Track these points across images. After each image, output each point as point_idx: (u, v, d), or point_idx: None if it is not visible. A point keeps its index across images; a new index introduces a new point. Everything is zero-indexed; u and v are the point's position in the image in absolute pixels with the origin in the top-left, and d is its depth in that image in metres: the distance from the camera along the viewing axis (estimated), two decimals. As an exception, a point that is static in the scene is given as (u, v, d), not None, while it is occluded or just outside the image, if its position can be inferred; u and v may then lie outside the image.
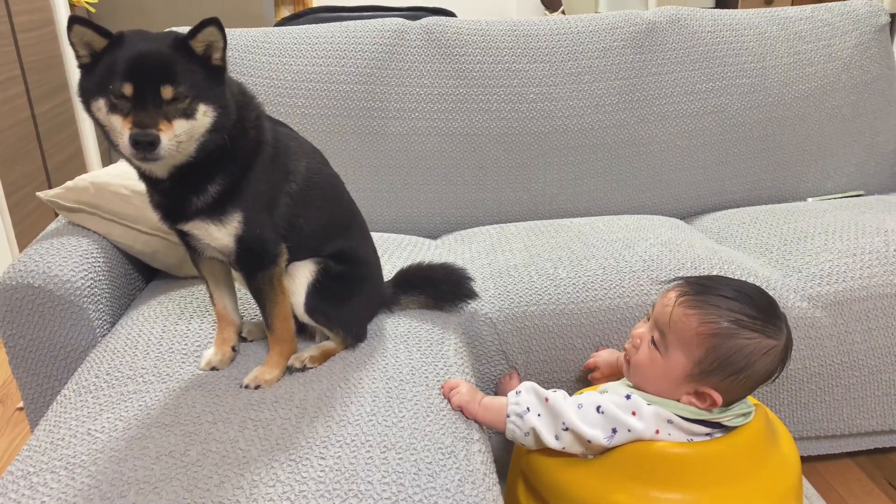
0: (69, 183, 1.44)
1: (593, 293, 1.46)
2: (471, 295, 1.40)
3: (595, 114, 1.93)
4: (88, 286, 1.33)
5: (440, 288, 1.39)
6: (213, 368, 1.17)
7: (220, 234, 1.07)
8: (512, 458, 1.25)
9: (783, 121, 1.99)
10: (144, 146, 0.94)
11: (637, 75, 1.94)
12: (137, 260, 1.52)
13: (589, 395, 1.09)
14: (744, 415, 1.09)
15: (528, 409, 1.10)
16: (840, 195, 2.01)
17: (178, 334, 1.27)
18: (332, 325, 1.20)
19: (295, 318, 1.18)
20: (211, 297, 1.22)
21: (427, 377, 1.17)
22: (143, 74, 0.95)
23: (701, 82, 1.96)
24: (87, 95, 0.98)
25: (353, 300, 1.22)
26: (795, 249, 1.62)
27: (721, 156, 1.99)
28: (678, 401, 1.08)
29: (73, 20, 0.95)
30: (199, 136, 1.00)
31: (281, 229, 1.13)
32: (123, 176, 1.45)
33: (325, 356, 1.19)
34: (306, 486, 0.91)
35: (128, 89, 0.94)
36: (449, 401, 1.12)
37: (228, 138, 1.03)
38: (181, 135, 0.97)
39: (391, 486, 0.92)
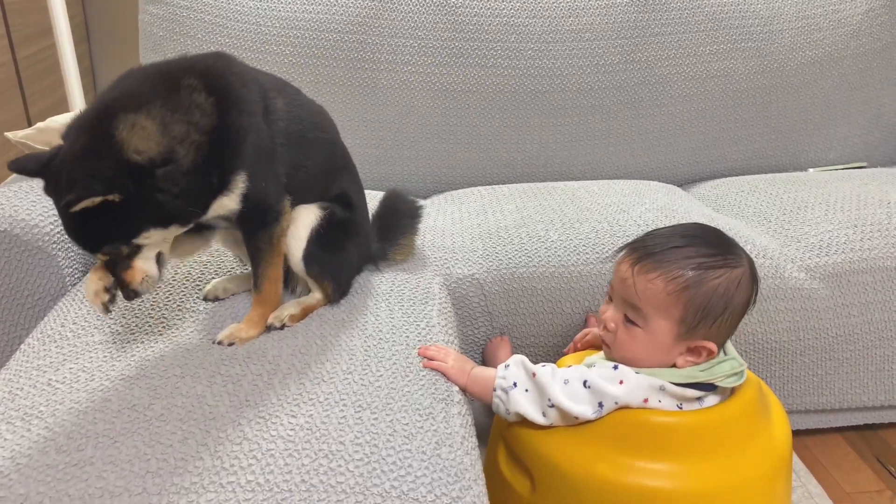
0: (40, 124, 1.37)
1: (584, 257, 1.41)
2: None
3: (594, 74, 1.86)
4: (58, 232, 1.27)
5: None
6: (215, 298, 1.19)
7: (230, 202, 1.01)
8: (493, 424, 1.21)
9: (788, 87, 1.92)
10: (129, 299, 0.99)
11: (639, 35, 1.87)
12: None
13: (575, 370, 1.04)
14: (736, 374, 1.04)
15: (514, 384, 1.05)
16: (842, 166, 1.96)
17: (149, 285, 1.21)
18: (323, 276, 1.15)
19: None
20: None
21: (408, 337, 1.13)
22: (78, 244, 0.95)
23: (705, 44, 1.89)
24: None
25: (348, 250, 1.18)
26: (795, 219, 1.57)
27: (722, 122, 1.93)
28: (674, 366, 1.04)
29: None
30: (167, 240, 0.99)
31: (284, 177, 1.07)
32: (98, 119, 1.38)
33: (305, 313, 1.14)
34: (274, 445, 0.87)
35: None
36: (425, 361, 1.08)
37: (200, 145, 0.94)
38: (147, 268, 0.97)
39: (364, 447, 0.88)
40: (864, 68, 1.95)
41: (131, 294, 0.97)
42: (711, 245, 1.04)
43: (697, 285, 1.01)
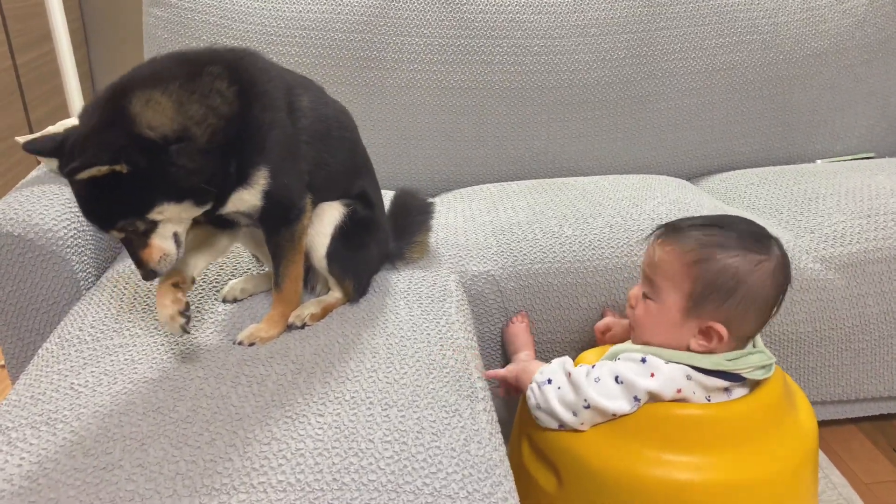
0: (50, 128, 1.36)
1: (600, 252, 1.41)
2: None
3: (601, 69, 1.86)
4: (72, 236, 1.26)
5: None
6: (234, 299, 1.18)
7: (249, 197, 1.01)
8: (515, 420, 1.21)
9: (794, 79, 1.92)
10: (147, 278, 0.97)
11: (645, 29, 1.87)
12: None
13: (603, 366, 1.04)
14: (763, 367, 1.04)
15: (549, 380, 1.06)
16: (850, 157, 1.96)
17: (166, 287, 1.20)
18: (344, 275, 1.15)
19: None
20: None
21: (429, 334, 1.12)
22: (93, 222, 0.94)
23: (711, 38, 1.88)
24: None
25: (370, 249, 1.18)
26: (807, 210, 1.57)
27: (729, 115, 1.93)
28: (688, 349, 1.04)
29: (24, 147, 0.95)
30: (185, 223, 0.97)
31: (307, 175, 1.06)
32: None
33: (325, 312, 1.13)
34: (304, 444, 0.86)
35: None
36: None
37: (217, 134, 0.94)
38: (165, 246, 0.95)
39: (393, 445, 0.87)
40: (870, 59, 1.95)
41: (150, 274, 0.96)
42: (737, 231, 1.06)
43: (709, 261, 1.02)
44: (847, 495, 1.38)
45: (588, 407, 1.01)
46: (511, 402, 1.13)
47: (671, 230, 1.09)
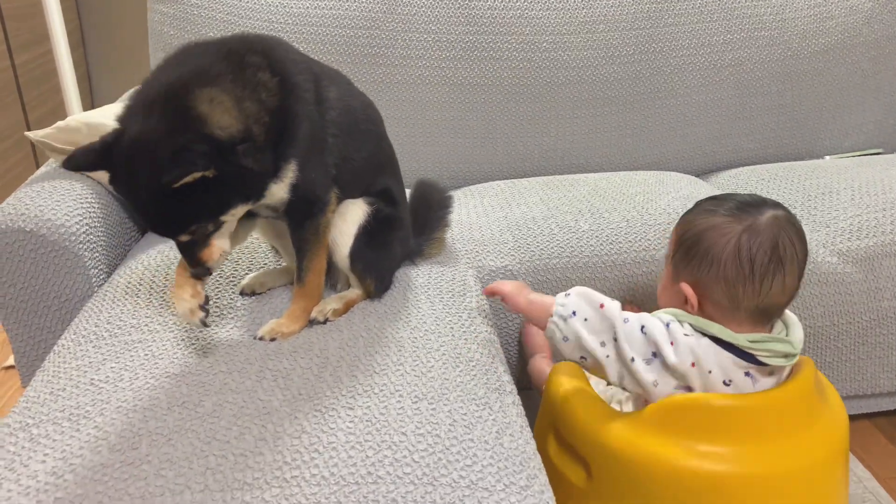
0: (60, 123, 1.34)
1: (617, 246, 1.40)
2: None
3: (609, 65, 1.85)
4: (84, 232, 1.23)
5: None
6: (252, 293, 1.16)
7: (278, 190, 0.99)
8: (538, 414, 1.19)
9: (802, 75, 1.92)
10: (199, 276, 0.96)
11: (653, 26, 1.86)
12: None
13: (636, 314, 1.02)
14: (784, 356, 1.02)
15: (573, 312, 1.02)
16: (859, 153, 1.96)
17: (182, 282, 1.18)
18: (367, 273, 1.13)
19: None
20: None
21: (452, 328, 1.10)
22: (158, 228, 0.91)
23: (718, 34, 1.88)
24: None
25: (393, 247, 1.16)
26: (821, 204, 1.56)
27: (737, 111, 1.92)
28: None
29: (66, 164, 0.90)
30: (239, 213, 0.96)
31: (333, 168, 1.05)
32: (118, 116, 1.35)
33: (347, 308, 1.12)
34: (335, 438, 0.84)
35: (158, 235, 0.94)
36: (495, 295, 1.15)
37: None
38: (224, 245, 0.95)
39: (426, 438, 0.85)
40: (877, 55, 1.96)
41: (204, 272, 0.95)
42: (732, 200, 1.07)
43: (687, 223, 1.08)
44: (873, 488, 1.37)
45: (616, 340, 1.00)
46: (534, 399, 1.11)
47: (691, 208, 1.13)
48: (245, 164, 0.87)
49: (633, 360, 0.99)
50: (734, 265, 1.01)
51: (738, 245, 1.01)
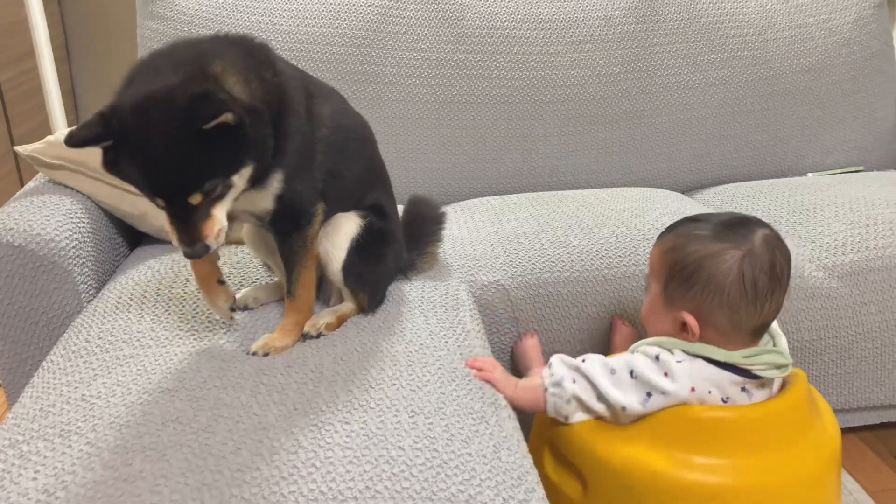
0: (50, 137, 1.33)
1: (608, 261, 1.41)
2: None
3: (596, 84, 1.87)
4: (73, 247, 1.22)
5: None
6: (244, 307, 1.16)
7: (261, 198, 0.99)
8: (532, 431, 1.19)
9: (784, 94, 1.96)
10: (197, 255, 0.91)
11: (639, 45, 1.89)
12: (122, 224, 1.42)
13: (621, 359, 1.03)
14: (778, 367, 1.03)
15: (563, 377, 1.04)
16: (840, 171, 1.99)
17: (174, 298, 1.17)
18: (360, 287, 1.12)
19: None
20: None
21: (447, 342, 1.10)
22: (168, 189, 0.87)
23: (703, 54, 1.92)
24: (124, 178, 0.90)
25: (386, 261, 1.16)
26: (806, 220, 1.58)
27: (722, 129, 1.95)
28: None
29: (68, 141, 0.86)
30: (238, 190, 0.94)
31: (320, 182, 1.05)
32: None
33: (340, 322, 1.11)
34: (332, 452, 0.83)
35: (160, 202, 0.88)
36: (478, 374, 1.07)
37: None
38: (223, 219, 0.91)
39: (424, 452, 0.85)
40: (856, 75, 2.00)
41: (202, 249, 0.89)
42: (715, 223, 1.07)
43: (677, 249, 1.06)
44: (863, 500, 1.38)
45: (601, 400, 1.01)
46: (527, 416, 1.11)
47: (666, 230, 1.14)
48: (256, 127, 0.88)
49: (624, 408, 1.00)
50: (738, 291, 1.02)
51: (741, 271, 1.02)
